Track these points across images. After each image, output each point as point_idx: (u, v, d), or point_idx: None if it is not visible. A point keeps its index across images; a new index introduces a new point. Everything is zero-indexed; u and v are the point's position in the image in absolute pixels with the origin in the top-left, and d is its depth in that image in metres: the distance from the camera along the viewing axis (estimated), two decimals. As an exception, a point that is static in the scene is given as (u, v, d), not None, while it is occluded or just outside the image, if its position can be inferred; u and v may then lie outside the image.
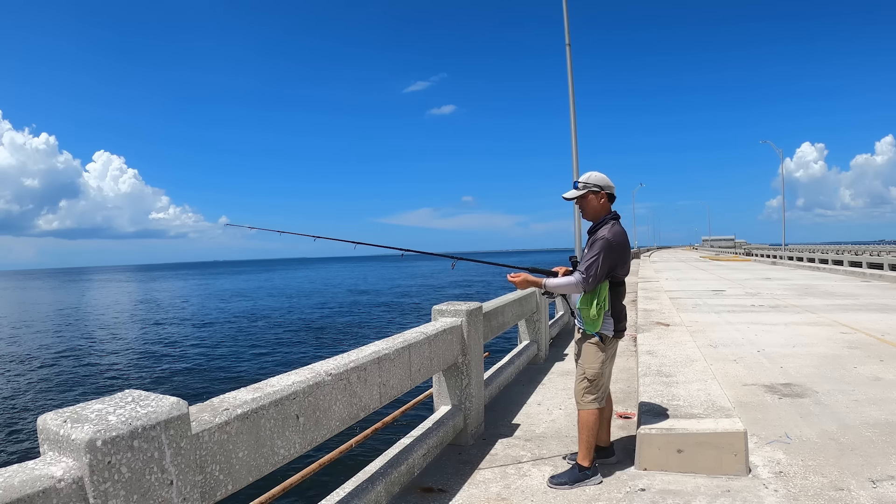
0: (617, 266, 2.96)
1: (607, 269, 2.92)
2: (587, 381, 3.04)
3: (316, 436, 2.21)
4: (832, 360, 5.93)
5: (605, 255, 2.89)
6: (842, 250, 34.56)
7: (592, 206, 3.08)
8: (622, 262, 3.00)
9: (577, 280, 2.93)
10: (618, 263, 2.96)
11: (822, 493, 2.85)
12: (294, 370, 2.33)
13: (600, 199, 3.07)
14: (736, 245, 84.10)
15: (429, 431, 3.42)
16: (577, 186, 3.10)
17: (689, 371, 4.52)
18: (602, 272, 2.90)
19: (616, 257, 2.94)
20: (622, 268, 3.01)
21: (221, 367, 14.90)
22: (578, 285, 2.93)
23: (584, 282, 2.89)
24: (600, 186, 3.06)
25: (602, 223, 3.03)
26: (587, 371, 3.05)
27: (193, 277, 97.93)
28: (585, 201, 3.09)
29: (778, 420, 4.02)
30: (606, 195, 3.08)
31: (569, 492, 2.98)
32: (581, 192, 3.08)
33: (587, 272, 2.89)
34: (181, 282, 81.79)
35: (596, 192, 3.06)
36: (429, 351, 3.34)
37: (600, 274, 2.90)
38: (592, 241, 2.97)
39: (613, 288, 3.01)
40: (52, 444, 1.34)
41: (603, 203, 3.07)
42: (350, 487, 2.63)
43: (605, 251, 2.90)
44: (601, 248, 2.90)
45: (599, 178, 3.08)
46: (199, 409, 1.76)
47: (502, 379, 5.18)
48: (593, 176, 3.09)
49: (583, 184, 3.08)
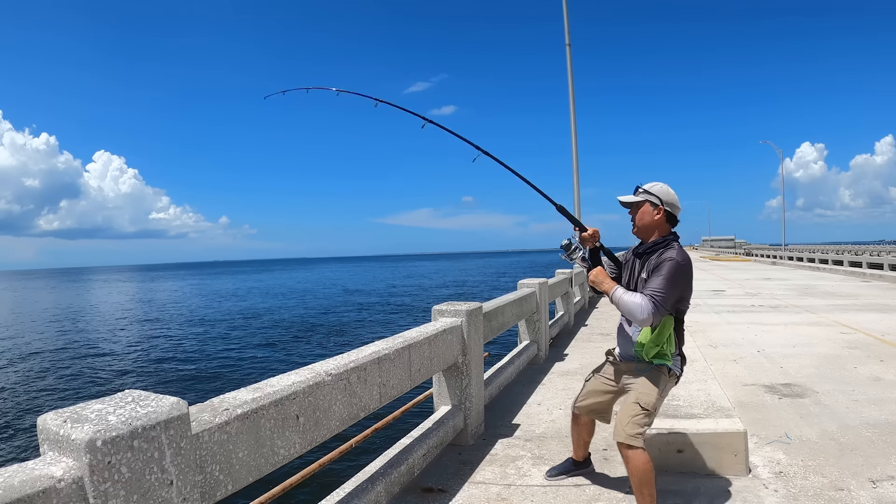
0: (685, 296, 2.56)
1: (677, 297, 2.49)
2: (640, 407, 2.51)
3: (316, 436, 2.21)
4: (832, 360, 5.93)
5: (675, 279, 2.44)
6: (842, 250, 34.56)
7: (645, 220, 2.64)
8: (689, 292, 2.59)
9: (642, 304, 2.42)
10: (685, 293, 2.56)
11: (822, 494, 2.85)
12: (294, 370, 2.33)
13: (656, 214, 2.62)
14: (736, 245, 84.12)
15: (429, 431, 3.42)
16: (636, 192, 2.69)
17: (689, 371, 4.51)
18: (670, 301, 2.46)
19: (685, 285, 2.53)
20: (688, 300, 2.60)
21: (221, 367, 14.89)
22: (644, 310, 2.41)
23: (654, 307, 2.40)
24: (661, 199, 2.61)
25: (665, 244, 2.58)
26: (642, 398, 2.53)
27: (193, 277, 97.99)
28: (640, 211, 2.67)
29: (778, 420, 4.02)
30: (665, 212, 2.61)
31: (569, 492, 2.99)
32: (638, 198, 2.66)
33: (654, 298, 2.41)
34: (181, 282, 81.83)
35: (655, 205, 2.62)
36: (429, 351, 3.34)
37: (668, 301, 2.44)
38: (658, 264, 2.51)
39: (677, 325, 2.60)
40: (52, 444, 1.34)
41: (658, 219, 2.62)
42: (350, 487, 2.63)
43: (676, 276, 2.45)
44: (671, 271, 2.45)
45: (664, 190, 2.63)
46: (199, 409, 1.76)
47: (502, 379, 5.18)
48: (657, 186, 2.65)
49: (643, 190, 2.66)
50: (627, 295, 2.50)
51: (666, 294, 2.43)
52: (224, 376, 13.66)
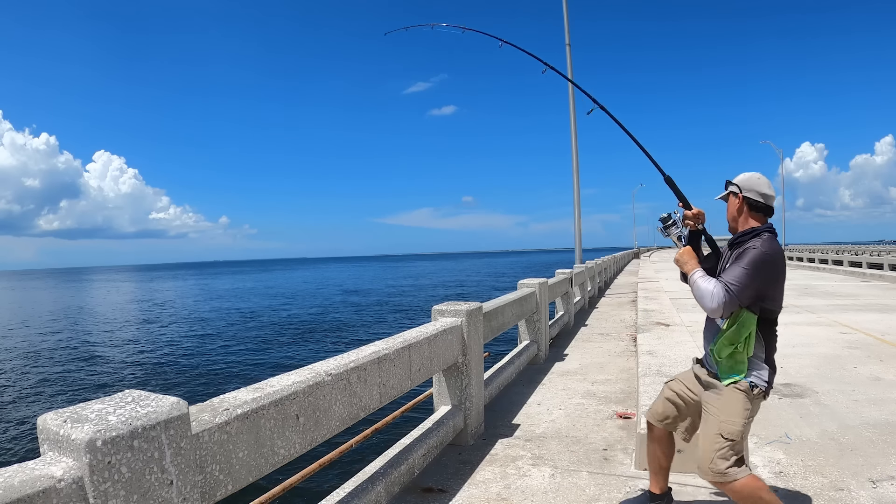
0: (768, 293, 2.28)
1: (754, 291, 2.24)
2: (723, 439, 2.24)
3: (316, 436, 2.21)
4: (832, 360, 5.93)
5: (754, 270, 2.22)
6: (842, 250, 34.56)
7: (731, 211, 2.47)
8: (775, 290, 2.31)
9: (713, 291, 2.22)
10: (769, 288, 2.28)
11: (822, 494, 2.85)
12: (294, 370, 2.33)
13: (737, 203, 2.43)
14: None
15: (429, 431, 3.42)
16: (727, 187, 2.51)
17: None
18: (746, 293, 2.22)
19: (768, 277, 2.26)
20: (775, 299, 2.32)
21: (221, 367, 14.89)
22: (714, 298, 2.21)
23: (725, 296, 2.19)
24: (740, 188, 2.42)
25: (752, 234, 2.36)
26: (724, 427, 2.25)
27: (193, 277, 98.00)
28: (728, 204, 2.49)
29: (778, 420, 4.02)
30: (746, 201, 2.41)
31: (569, 492, 2.98)
32: (725, 193, 2.51)
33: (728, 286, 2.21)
34: (181, 282, 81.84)
35: (736, 195, 2.44)
36: (429, 351, 3.34)
37: (743, 293, 2.21)
38: (740, 253, 2.31)
39: (765, 326, 2.33)
40: (52, 444, 1.34)
41: (739, 208, 2.43)
42: (350, 487, 2.63)
43: (756, 266, 2.22)
44: (752, 261, 2.23)
45: (745, 179, 2.44)
46: (199, 409, 1.76)
47: (502, 379, 5.18)
48: (741, 176, 2.47)
49: (728, 182, 2.50)
50: (703, 280, 2.31)
51: (741, 285, 2.21)
52: (224, 376, 13.66)
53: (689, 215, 2.56)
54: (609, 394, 5.03)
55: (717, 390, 2.34)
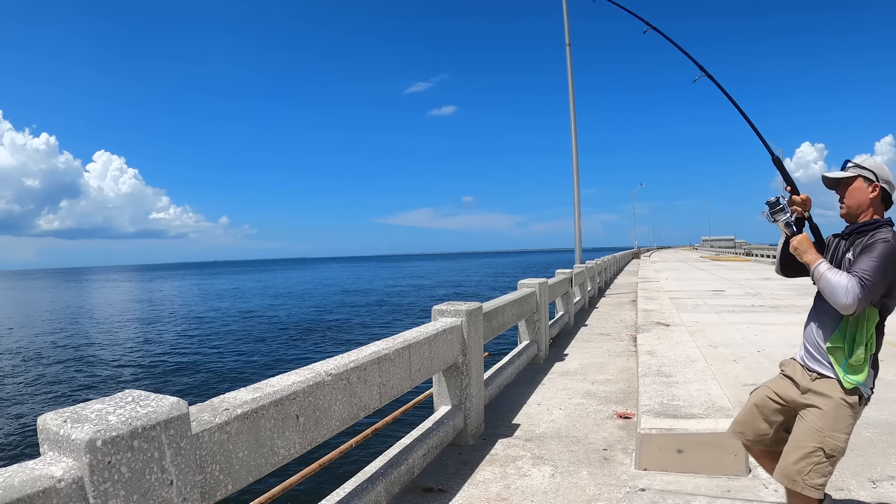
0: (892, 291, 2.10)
1: (886, 287, 2.07)
2: (823, 454, 2.06)
3: (316, 436, 2.21)
4: (832, 360, 5.93)
5: (886, 264, 2.04)
6: (842, 250, 34.45)
7: (858, 198, 2.23)
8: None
9: (848, 285, 2.01)
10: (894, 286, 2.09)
11: (822, 494, 2.85)
12: (294, 370, 2.33)
13: (871, 192, 2.21)
14: (736, 245, 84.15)
15: (429, 431, 3.42)
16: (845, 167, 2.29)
17: (689, 371, 4.52)
18: (879, 288, 2.04)
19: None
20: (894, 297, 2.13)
21: (221, 367, 14.89)
22: (850, 293, 2.00)
23: (861, 290, 1.99)
24: (876, 174, 2.21)
25: (877, 225, 2.18)
26: (827, 442, 2.06)
27: (193, 277, 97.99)
28: (850, 188, 2.25)
29: (778, 420, 4.02)
30: (882, 190, 2.22)
31: (569, 492, 2.98)
32: (848, 174, 2.26)
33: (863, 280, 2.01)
34: (181, 282, 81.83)
35: (869, 181, 2.22)
36: (429, 351, 3.34)
37: (876, 287, 2.03)
38: (869, 244, 2.11)
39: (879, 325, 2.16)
40: (52, 444, 1.34)
41: (874, 197, 2.22)
42: (350, 487, 2.63)
43: (889, 260, 2.04)
44: (885, 254, 2.04)
45: (878, 164, 2.25)
46: (199, 409, 1.76)
47: (502, 379, 5.18)
48: (870, 160, 2.27)
49: (854, 164, 2.26)
50: (832, 272, 2.09)
51: (875, 278, 2.02)
52: (224, 376, 13.66)
53: (796, 201, 2.38)
54: (609, 394, 5.03)
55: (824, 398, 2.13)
